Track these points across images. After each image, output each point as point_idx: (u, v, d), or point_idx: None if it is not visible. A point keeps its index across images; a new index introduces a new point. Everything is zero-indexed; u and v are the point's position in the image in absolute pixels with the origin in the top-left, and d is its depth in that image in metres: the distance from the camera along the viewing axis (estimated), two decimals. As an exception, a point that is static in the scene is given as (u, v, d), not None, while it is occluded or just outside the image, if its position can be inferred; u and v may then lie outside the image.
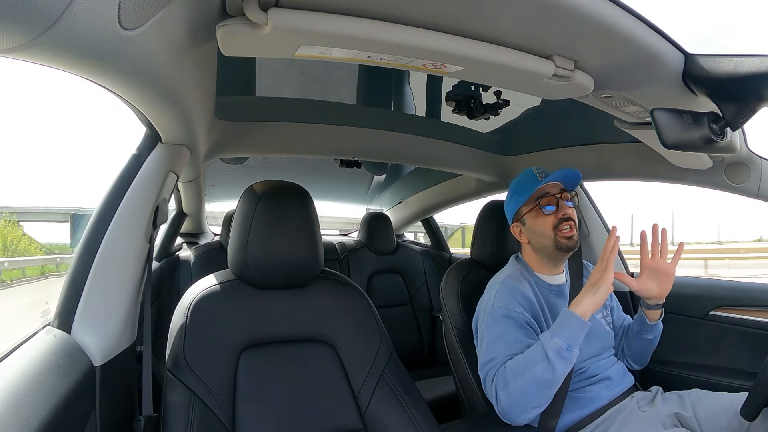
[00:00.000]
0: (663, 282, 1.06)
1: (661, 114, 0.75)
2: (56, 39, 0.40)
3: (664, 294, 1.07)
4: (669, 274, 1.06)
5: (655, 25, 0.68)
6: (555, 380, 0.92)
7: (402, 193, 2.67)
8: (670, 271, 1.05)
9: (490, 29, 0.66)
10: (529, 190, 1.10)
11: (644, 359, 1.19)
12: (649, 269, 1.06)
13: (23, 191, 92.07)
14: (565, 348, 0.90)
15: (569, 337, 0.91)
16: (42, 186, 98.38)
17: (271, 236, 0.88)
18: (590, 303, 0.94)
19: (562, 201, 1.08)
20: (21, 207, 21.38)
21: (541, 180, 1.09)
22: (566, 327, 0.93)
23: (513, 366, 0.94)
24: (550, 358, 0.90)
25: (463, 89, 1.18)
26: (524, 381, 0.91)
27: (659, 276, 1.06)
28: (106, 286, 0.76)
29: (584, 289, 0.97)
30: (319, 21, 0.59)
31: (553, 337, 0.92)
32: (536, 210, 1.09)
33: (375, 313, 0.99)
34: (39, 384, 0.56)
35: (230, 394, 0.82)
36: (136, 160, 0.86)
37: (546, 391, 0.92)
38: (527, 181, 1.12)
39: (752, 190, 1.16)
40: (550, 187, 1.09)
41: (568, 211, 1.07)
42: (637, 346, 1.16)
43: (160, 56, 0.59)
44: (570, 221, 1.06)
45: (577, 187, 1.15)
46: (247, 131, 1.40)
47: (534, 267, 1.14)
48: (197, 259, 1.92)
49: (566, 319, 0.93)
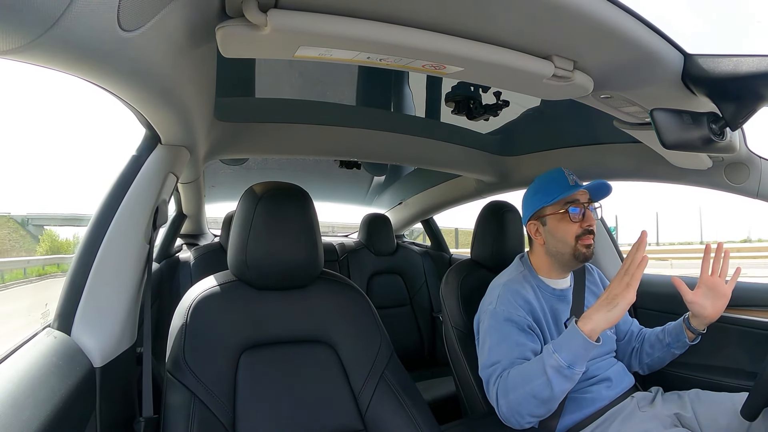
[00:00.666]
0: (717, 303, 1.01)
1: (660, 114, 0.75)
2: (56, 40, 0.40)
3: (715, 316, 1.02)
4: (725, 297, 1.01)
5: (655, 25, 0.68)
6: (553, 397, 0.88)
7: (402, 194, 2.67)
8: (726, 293, 1.01)
9: (490, 30, 0.66)
10: (558, 192, 1.06)
11: (659, 367, 1.18)
12: (706, 286, 1.02)
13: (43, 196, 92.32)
14: (565, 366, 0.86)
15: (572, 355, 0.86)
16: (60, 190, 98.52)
17: (270, 237, 0.88)
18: (603, 321, 0.86)
19: (589, 211, 1.06)
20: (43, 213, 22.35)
21: (573, 185, 1.06)
22: (570, 344, 0.87)
23: (514, 375, 0.93)
24: (549, 375, 0.86)
25: (462, 90, 1.18)
26: (523, 393, 0.90)
27: (715, 296, 1.01)
28: (106, 288, 0.76)
29: (599, 303, 0.88)
30: (319, 22, 0.59)
31: (554, 352, 0.87)
32: (563, 215, 1.06)
33: (375, 313, 0.99)
34: (39, 385, 0.56)
35: (230, 395, 0.82)
36: (135, 161, 0.86)
37: (544, 405, 0.89)
38: (557, 183, 1.08)
39: (752, 190, 1.16)
40: (579, 195, 1.07)
41: (593, 223, 1.06)
42: (659, 357, 1.14)
43: (160, 57, 0.59)
44: (593, 233, 1.05)
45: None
46: (247, 132, 1.40)
47: (540, 270, 1.13)
48: (197, 260, 1.92)
49: (571, 336, 0.87)
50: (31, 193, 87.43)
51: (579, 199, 1.07)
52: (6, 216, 19.78)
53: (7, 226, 18.80)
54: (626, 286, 0.86)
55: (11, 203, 75.40)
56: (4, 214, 20.03)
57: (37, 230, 18.54)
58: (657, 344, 1.14)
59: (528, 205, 1.15)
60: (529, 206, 1.15)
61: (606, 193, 1.09)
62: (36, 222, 19.06)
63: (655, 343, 1.14)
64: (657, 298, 1.40)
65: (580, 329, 0.87)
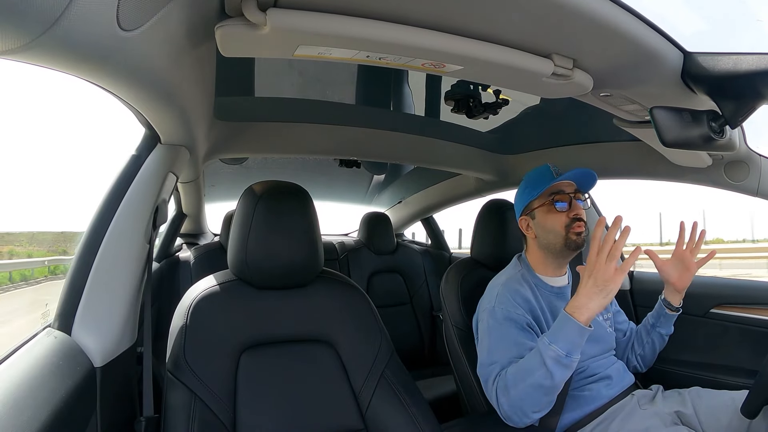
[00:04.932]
0: (683, 274, 1.10)
1: (660, 112, 0.76)
2: (55, 40, 0.40)
3: (680, 285, 1.11)
4: (690, 270, 1.10)
5: (654, 23, 0.68)
6: (555, 386, 0.90)
7: (401, 192, 2.67)
8: (692, 268, 1.10)
9: (489, 28, 0.66)
10: (542, 185, 1.09)
11: (652, 359, 1.19)
12: (677, 258, 1.11)
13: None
14: (563, 355, 0.87)
15: (568, 343, 0.87)
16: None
17: (270, 236, 0.88)
18: (598, 308, 0.87)
19: (575, 200, 1.08)
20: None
21: (556, 177, 1.08)
22: (565, 333, 0.88)
23: (513, 372, 0.93)
24: (548, 365, 0.87)
25: (462, 88, 1.18)
26: (524, 387, 0.90)
27: (682, 267, 1.10)
28: (106, 288, 0.76)
29: (590, 291, 0.88)
30: (318, 21, 0.59)
31: (551, 343, 0.88)
32: (548, 206, 1.08)
33: (375, 312, 0.99)
34: (40, 385, 0.56)
35: (231, 395, 0.82)
36: (135, 161, 0.86)
37: (546, 396, 0.91)
38: (542, 176, 1.11)
39: (751, 188, 1.16)
40: (564, 186, 1.09)
41: (581, 212, 1.07)
42: (649, 344, 1.17)
43: (159, 57, 0.59)
44: (582, 221, 1.06)
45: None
46: (247, 132, 1.40)
47: (536, 267, 1.13)
48: (197, 259, 1.92)
49: (566, 325, 0.88)
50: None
51: (563, 190, 1.08)
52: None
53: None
54: (619, 272, 0.86)
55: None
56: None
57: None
58: (643, 329, 1.19)
59: (518, 203, 1.17)
60: (519, 203, 1.17)
61: (591, 182, 1.10)
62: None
63: (642, 330, 1.20)
64: (656, 295, 1.41)
65: (576, 319, 0.87)
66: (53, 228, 7.22)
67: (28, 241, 4.30)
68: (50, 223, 11.82)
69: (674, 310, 1.14)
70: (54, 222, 7.30)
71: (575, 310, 0.88)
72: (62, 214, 6.84)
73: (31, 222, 10.91)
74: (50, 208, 6.08)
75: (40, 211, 8.67)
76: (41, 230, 5.73)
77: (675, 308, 1.14)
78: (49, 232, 5.83)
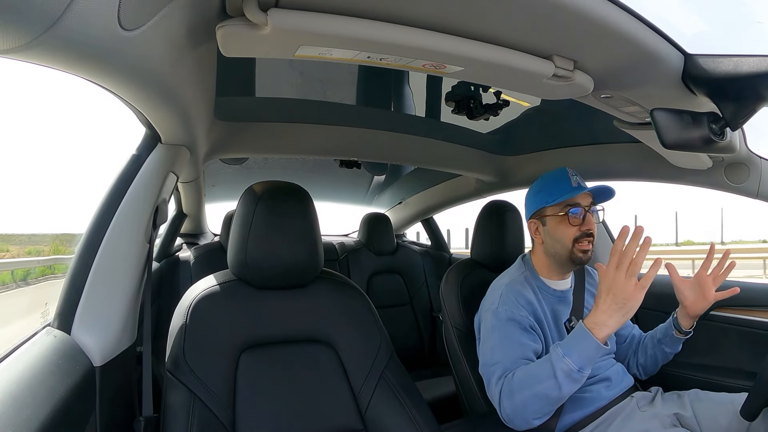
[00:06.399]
0: (698, 301, 1.04)
1: (660, 114, 0.75)
2: (56, 40, 0.40)
3: (692, 311, 1.05)
4: (707, 299, 1.03)
5: (655, 25, 0.68)
6: (561, 398, 0.90)
7: (402, 193, 2.67)
8: (709, 298, 1.03)
9: (490, 29, 0.66)
10: (561, 194, 1.06)
11: (653, 370, 1.18)
12: (697, 282, 1.04)
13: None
14: (576, 370, 0.86)
15: (582, 358, 0.86)
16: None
17: (270, 236, 0.88)
18: (616, 325, 0.86)
19: (590, 215, 1.06)
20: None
21: (576, 187, 1.06)
22: (581, 348, 0.87)
23: (520, 377, 0.93)
24: (559, 378, 0.86)
25: (462, 89, 1.18)
26: (529, 394, 0.90)
27: (699, 293, 1.04)
28: (106, 287, 0.76)
29: (609, 308, 0.86)
30: (319, 21, 0.59)
31: (565, 356, 0.87)
32: (562, 218, 1.06)
33: (375, 313, 0.99)
34: (39, 384, 0.56)
35: (230, 395, 0.82)
36: (135, 160, 0.86)
37: (550, 406, 0.91)
38: (560, 184, 1.08)
39: (752, 190, 1.16)
40: (581, 197, 1.07)
41: (593, 227, 1.06)
42: (651, 357, 1.15)
43: (160, 57, 0.59)
44: (591, 237, 1.05)
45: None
46: (247, 132, 1.40)
47: (540, 271, 1.13)
48: (197, 259, 1.92)
49: (583, 340, 0.86)
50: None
51: (580, 203, 1.06)
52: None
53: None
54: (639, 288, 0.85)
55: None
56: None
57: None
58: (650, 341, 1.16)
59: (530, 203, 1.16)
60: (531, 204, 1.15)
61: (609, 197, 1.09)
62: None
63: (648, 341, 1.17)
64: (659, 298, 1.40)
65: (594, 335, 0.86)
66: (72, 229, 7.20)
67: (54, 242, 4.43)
68: (70, 224, 11.73)
69: (683, 334, 1.09)
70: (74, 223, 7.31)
71: (594, 326, 0.86)
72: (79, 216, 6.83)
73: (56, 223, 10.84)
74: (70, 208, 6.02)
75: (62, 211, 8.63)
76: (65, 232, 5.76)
77: (684, 332, 1.09)
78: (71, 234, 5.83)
